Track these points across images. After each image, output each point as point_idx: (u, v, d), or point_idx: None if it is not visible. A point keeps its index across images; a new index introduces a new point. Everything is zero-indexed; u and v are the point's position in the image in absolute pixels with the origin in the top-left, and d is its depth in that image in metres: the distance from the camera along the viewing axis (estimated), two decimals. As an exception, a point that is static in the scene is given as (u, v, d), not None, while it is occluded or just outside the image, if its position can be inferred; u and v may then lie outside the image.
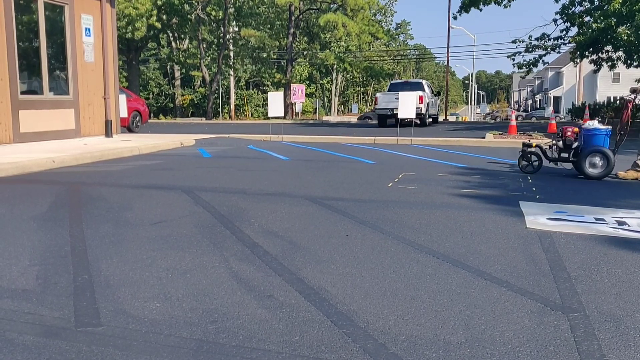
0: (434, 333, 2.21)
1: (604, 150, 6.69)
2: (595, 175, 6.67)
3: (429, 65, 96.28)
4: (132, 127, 15.84)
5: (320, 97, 58.75)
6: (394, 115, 17.40)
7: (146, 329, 2.25)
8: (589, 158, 6.72)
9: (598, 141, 6.84)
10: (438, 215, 4.45)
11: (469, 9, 21.24)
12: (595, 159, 6.71)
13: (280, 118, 21.68)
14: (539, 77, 73.61)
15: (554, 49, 22.92)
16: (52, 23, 10.53)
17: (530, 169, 7.20)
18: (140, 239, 3.65)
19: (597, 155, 6.70)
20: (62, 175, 6.78)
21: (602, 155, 6.68)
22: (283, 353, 2.03)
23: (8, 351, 2.04)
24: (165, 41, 46.70)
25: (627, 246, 3.50)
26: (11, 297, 2.60)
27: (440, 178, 6.59)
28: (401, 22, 78.24)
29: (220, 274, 2.93)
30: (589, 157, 6.72)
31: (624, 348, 2.08)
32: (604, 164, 6.66)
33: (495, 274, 2.95)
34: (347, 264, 3.12)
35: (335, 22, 33.28)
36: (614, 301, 2.56)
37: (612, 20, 18.04)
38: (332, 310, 2.44)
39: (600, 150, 6.70)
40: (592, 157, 6.72)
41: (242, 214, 4.42)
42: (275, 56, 46.55)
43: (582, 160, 6.75)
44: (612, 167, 6.66)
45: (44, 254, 3.31)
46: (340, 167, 7.74)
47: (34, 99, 10.15)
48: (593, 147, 6.76)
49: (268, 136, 13.58)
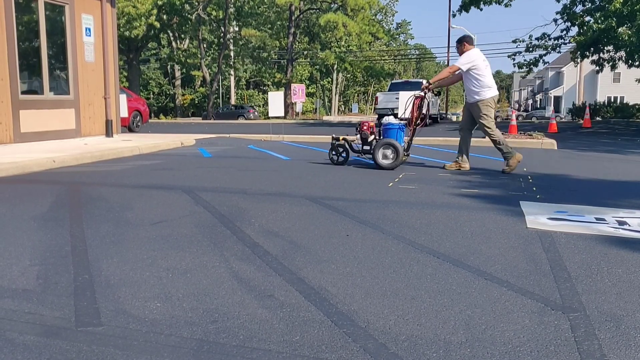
0: (434, 333, 2.21)
1: (394, 143, 7.27)
2: (386, 166, 7.28)
3: (429, 65, 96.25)
4: (133, 127, 15.85)
5: (320, 97, 58.77)
6: (395, 115, 17.41)
7: (147, 328, 2.25)
8: (381, 150, 7.32)
9: (391, 135, 7.49)
10: (438, 215, 4.45)
11: (469, 7, 21.26)
12: (387, 151, 7.32)
13: (281, 118, 21.69)
14: (539, 77, 73.58)
15: (554, 49, 22.94)
16: (52, 23, 10.54)
17: (340, 160, 7.88)
18: (141, 238, 3.65)
19: (388, 147, 7.30)
20: (63, 175, 6.78)
21: (393, 147, 7.27)
22: (283, 353, 2.04)
23: (8, 351, 2.04)
24: (166, 41, 46.70)
25: (628, 246, 3.50)
26: (12, 296, 2.60)
27: (440, 178, 6.59)
28: (402, 22, 78.28)
29: (220, 274, 2.93)
30: (382, 149, 7.32)
31: (624, 348, 2.08)
32: (394, 156, 7.27)
33: (495, 273, 2.95)
34: (347, 263, 3.12)
35: (335, 22, 33.30)
36: (614, 301, 2.55)
37: (613, 21, 18.04)
38: (332, 310, 2.44)
39: (391, 143, 7.28)
40: (384, 149, 7.32)
41: (243, 214, 4.42)
42: (275, 56, 46.58)
43: (376, 152, 7.34)
44: (401, 159, 7.29)
45: (45, 253, 3.31)
46: (341, 166, 7.74)
47: (35, 98, 10.16)
48: (385, 140, 7.36)
49: (268, 136, 13.59)
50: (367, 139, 7.71)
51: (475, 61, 7.15)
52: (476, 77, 7.14)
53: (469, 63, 7.15)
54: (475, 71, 7.14)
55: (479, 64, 7.14)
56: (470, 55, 7.19)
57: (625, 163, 7.17)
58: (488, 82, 7.18)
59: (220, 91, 42.40)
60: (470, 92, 7.29)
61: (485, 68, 7.21)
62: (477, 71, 7.14)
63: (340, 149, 7.88)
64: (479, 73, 7.13)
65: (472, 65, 7.14)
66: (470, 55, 7.19)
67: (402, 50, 73.61)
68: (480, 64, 7.16)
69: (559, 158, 9.12)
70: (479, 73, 7.13)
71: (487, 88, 7.15)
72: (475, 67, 7.14)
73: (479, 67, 7.13)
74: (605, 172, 7.25)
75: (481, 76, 7.13)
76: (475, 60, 7.15)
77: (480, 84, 7.15)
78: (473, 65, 7.14)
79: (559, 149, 10.64)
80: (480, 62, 7.17)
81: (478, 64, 7.14)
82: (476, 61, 7.15)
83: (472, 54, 7.21)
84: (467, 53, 7.24)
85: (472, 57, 7.17)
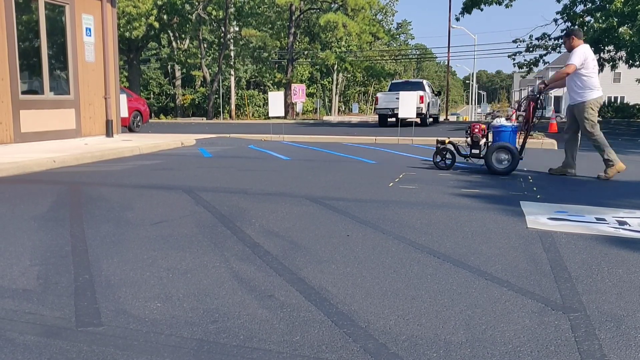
0: (434, 333, 2.21)
1: (509, 147, 6.86)
2: (501, 171, 6.88)
3: (429, 65, 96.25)
4: (133, 127, 15.85)
5: (320, 97, 58.78)
6: (395, 115, 17.41)
7: (147, 328, 2.25)
8: (495, 154, 6.91)
9: (504, 138, 7.03)
10: (439, 215, 4.45)
11: (471, 9, 21.27)
12: (501, 155, 6.90)
13: (281, 118, 21.69)
14: (539, 77, 73.54)
15: (554, 49, 22.95)
16: (52, 23, 10.54)
17: (443, 165, 7.46)
18: (141, 238, 3.65)
19: (503, 151, 6.88)
20: (63, 175, 6.78)
21: (508, 151, 6.85)
22: (284, 353, 2.03)
23: (9, 351, 2.04)
24: (166, 41, 46.70)
25: (628, 246, 3.49)
26: (12, 296, 2.60)
27: (441, 178, 6.59)
28: (402, 22, 78.28)
29: (221, 274, 2.93)
30: (495, 152, 6.92)
31: (624, 348, 2.08)
32: (509, 160, 6.84)
33: (496, 273, 2.95)
34: (347, 263, 3.12)
35: (335, 22, 33.27)
36: (614, 301, 2.55)
37: (613, 20, 18.04)
38: (332, 310, 2.44)
39: (506, 146, 6.87)
40: (498, 153, 6.90)
41: (243, 214, 4.42)
42: (276, 56, 46.57)
43: (489, 156, 6.94)
44: (517, 163, 6.84)
45: (45, 253, 3.31)
46: (341, 166, 7.74)
47: (35, 98, 10.16)
48: (499, 144, 6.93)
49: (269, 136, 13.59)
50: (478, 142, 7.30)
51: (587, 59, 6.62)
52: (583, 76, 6.65)
53: (583, 61, 6.60)
54: (583, 70, 6.63)
55: (589, 62, 6.62)
56: (585, 52, 6.63)
57: (625, 163, 7.16)
58: (594, 83, 6.69)
59: (221, 91, 42.39)
60: (573, 92, 6.79)
61: (594, 67, 6.71)
62: (585, 70, 6.63)
63: (445, 153, 7.47)
64: (587, 72, 6.63)
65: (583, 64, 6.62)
66: (584, 52, 6.62)
67: (403, 50, 73.62)
68: (590, 62, 6.64)
69: (559, 158, 9.09)
70: (587, 72, 6.63)
71: (590, 89, 6.67)
72: (585, 65, 6.62)
73: (588, 66, 6.61)
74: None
75: (588, 76, 6.63)
76: (588, 58, 6.62)
77: (584, 84, 6.66)
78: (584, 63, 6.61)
79: (559, 149, 10.64)
80: (590, 61, 6.66)
81: (588, 62, 6.62)
82: (588, 59, 6.63)
83: (585, 50, 6.66)
84: (578, 49, 6.65)
85: (586, 54, 6.63)
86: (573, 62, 6.57)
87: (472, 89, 60.61)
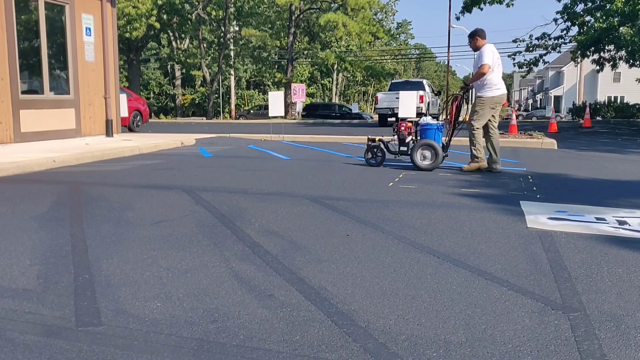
0: (434, 332, 2.21)
1: (433, 144, 7.12)
2: (425, 167, 7.15)
3: (429, 64, 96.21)
4: (133, 127, 15.85)
5: (321, 97, 58.74)
6: (395, 115, 17.41)
7: (147, 328, 2.25)
8: (420, 151, 7.19)
9: (429, 135, 7.31)
10: (438, 214, 4.45)
11: (472, 8, 21.24)
12: (425, 152, 7.17)
13: (281, 117, 21.69)
14: (539, 77, 73.54)
15: (554, 49, 22.93)
16: (52, 23, 10.54)
17: (373, 162, 7.69)
18: (141, 238, 3.66)
19: (427, 148, 7.15)
20: (63, 175, 6.78)
21: (431, 148, 7.11)
22: (284, 352, 2.04)
23: (9, 350, 2.05)
24: (166, 41, 46.70)
25: (628, 246, 3.50)
26: (12, 296, 2.60)
27: (440, 178, 6.59)
28: (402, 22, 78.19)
29: (220, 274, 2.93)
30: (420, 150, 7.19)
31: (624, 347, 2.08)
32: (432, 157, 7.11)
33: (495, 273, 2.95)
34: (347, 263, 3.12)
35: (335, 22, 33.27)
36: (614, 301, 2.55)
37: (614, 20, 18.03)
38: (332, 309, 2.44)
39: (430, 144, 7.14)
40: (423, 150, 7.18)
41: (243, 214, 4.42)
42: (275, 56, 46.55)
43: (414, 153, 7.21)
44: (440, 160, 7.12)
45: (45, 253, 3.32)
46: (341, 166, 7.74)
47: (35, 98, 10.16)
48: (423, 141, 7.21)
49: (269, 136, 13.58)
50: (404, 139, 7.53)
51: (493, 58, 6.94)
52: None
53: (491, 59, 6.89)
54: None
55: (494, 61, 6.94)
56: (492, 51, 6.96)
57: (625, 163, 7.17)
58: (495, 81, 6.97)
59: (221, 91, 42.39)
60: (477, 89, 7.15)
61: (497, 67, 6.99)
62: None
63: (376, 150, 7.68)
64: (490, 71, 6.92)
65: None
66: (492, 51, 6.95)
67: (403, 50, 73.59)
68: (495, 61, 6.96)
69: (559, 158, 9.11)
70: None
71: (490, 87, 6.97)
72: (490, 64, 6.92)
73: (493, 65, 6.92)
74: (606, 171, 7.25)
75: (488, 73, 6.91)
76: (493, 57, 6.94)
77: (486, 82, 6.96)
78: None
79: (559, 149, 10.64)
80: (495, 60, 6.97)
81: (494, 61, 6.93)
82: (494, 58, 6.94)
83: (492, 49, 6.99)
84: (485, 48, 6.98)
85: (493, 53, 6.96)
86: (485, 62, 6.90)
87: (472, 89, 60.56)
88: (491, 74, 6.93)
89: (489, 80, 6.95)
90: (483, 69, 6.88)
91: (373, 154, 7.70)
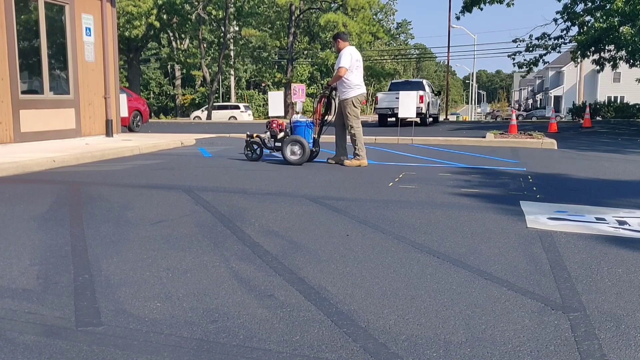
0: (434, 332, 2.21)
1: (301, 140, 7.57)
2: (294, 161, 7.61)
3: (429, 64, 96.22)
4: (133, 127, 15.85)
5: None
6: (395, 115, 17.41)
7: (147, 328, 2.25)
8: (289, 146, 7.65)
9: (299, 132, 7.79)
10: (438, 214, 4.45)
11: (472, 8, 21.24)
12: (294, 147, 7.63)
13: (281, 118, 21.69)
14: (539, 77, 73.56)
15: (554, 49, 22.93)
16: (52, 22, 10.54)
17: (254, 157, 8.27)
18: (141, 238, 3.65)
19: (296, 144, 7.60)
20: (63, 175, 6.78)
21: (300, 144, 7.57)
22: (283, 352, 2.04)
23: (9, 350, 2.05)
24: (166, 41, 46.71)
25: (628, 246, 3.50)
26: (12, 296, 2.60)
27: (440, 177, 6.59)
28: (402, 22, 78.20)
29: (220, 274, 2.93)
30: (290, 145, 7.65)
31: (624, 347, 2.08)
32: (300, 152, 7.58)
33: (495, 273, 2.95)
34: (347, 263, 3.12)
35: (335, 22, 33.24)
36: (614, 301, 2.55)
37: (614, 20, 18.02)
38: (332, 309, 2.44)
39: (298, 139, 7.58)
40: (292, 145, 7.64)
41: (243, 214, 4.42)
42: (275, 56, 46.55)
43: (284, 148, 7.67)
44: (307, 155, 7.59)
45: (45, 253, 3.32)
46: (341, 166, 7.74)
47: (35, 98, 10.16)
48: (292, 137, 7.68)
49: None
50: (276, 136, 8.05)
51: (352, 59, 7.44)
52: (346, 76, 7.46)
53: (349, 61, 7.41)
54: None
55: (352, 63, 7.45)
56: (351, 53, 7.48)
57: (625, 163, 7.16)
58: (355, 81, 7.50)
59: (221, 91, 42.39)
60: (340, 90, 7.64)
61: (357, 69, 7.52)
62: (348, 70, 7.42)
63: (254, 146, 8.26)
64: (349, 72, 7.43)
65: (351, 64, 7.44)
66: (350, 54, 7.47)
67: (402, 50, 73.60)
68: (354, 63, 7.47)
69: (559, 158, 9.11)
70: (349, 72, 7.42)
71: (351, 88, 7.50)
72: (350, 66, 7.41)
73: (352, 67, 7.44)
74: (606, 171, 7.25)
75: (348, 75, 7.43)
76: (352, 59, 7.45)
77: (347, 83, 7.49)
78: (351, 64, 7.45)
79: (559, 149, 10.64)
80: (354, 62, 7.48)
81: (352, 62, 7.45)
82: (352, 59, 7.45)
83: (350, 52, 7.52)
84: (345, 51, 7.50)
85: (352, 55, 7.47)
86: (343, 65, 7.43)
87: (472, 89, 60.60)
88: (350, 75, 7.46)
89: (350, 81, 7.47)
90: (340, 71, 7.47)
91: (251, 149, 8.26)
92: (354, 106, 7.55)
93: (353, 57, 7.47)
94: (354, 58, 7.48)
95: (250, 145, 8.28)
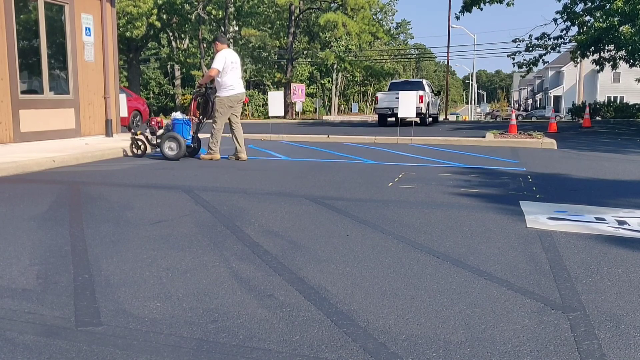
0: (434, 332, 2.21)
1: (177, 137, 8.17)
2: (171, 157, 8.17)
3: (429, 64, 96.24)
4: (133, 127, 15.83)
5: (320, 97, 58.73)
6: (395, 115, 17.40)
7: (146, 328, 2.25)
8: (167, 142, 8.23)
9: (177, 129, 8.34)
10: (438, 214, 4.45)
11: (472, 8, 21.24)
12: (171, 144, 8.21)
13: (281, 117, 21.68)
14: (539, 77, 73.56)
15: (554, 49, 22.93)
16: (52, 22, 10.54)
17: (139, 153, 8.78)
18: (141, 238, 3.65)
19: (173, 140, 8.20)
20: (63, 175, 6.78)
21: (176, 140, 8.16)
22: (283, 352, 2.04)
23: (8, 350, 2.05)
24: (166, 40, 46.70)
25: (628, 245, 3.50)
26: (11, 296, 2.60)
27: (440, 177, 6.59)
28: (401, 22, 78.21)
29: (220, 274, 2.93)
30: (167, 141, 8.23)
31: (624, 347, 2.08)
32: (177, 148, 8.16)
33: (495, 273, 2.95)
34: (347, 263, 3.12)
35: (335, 22, 33.23)
36: (614, 300, 2.56)
37: (614, 20, 18.01)
38: (332, 309, 2.44)
39: (175, 136, 8.19)
40: (169, 142, 8.22)
41: (243, 214, 4.42)
42: (275, 56, 46.53)
43: (162, 144, 8.26)
44: (184, 151, 8.19)
45: (45, 253, 3.31)
46: (341, 166, 7.74)
47: (35, 98, 10.15)
48: (169, 134, 8.27)
49: (268, 135, 13.58)
50: (155, 133, 8.59)
51: (226, 62, 7.87)
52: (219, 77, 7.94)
53: (223, 64, 7.87)
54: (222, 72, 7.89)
55: (227, 65, 7.88)
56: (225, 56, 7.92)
57: (625, 162, 7.16)
58: (228, 83, 7.95)
59: (220, 91, 42.35)
60: (217, 90, 8.10)
61: (232, 70, 7.94)
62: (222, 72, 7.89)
63: (139, 143, 8.79)
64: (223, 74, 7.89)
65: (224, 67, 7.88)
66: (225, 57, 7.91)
67: (402, 49, 73.61)
68: (228, 65, 7.90)
69: (558, 158, 9.11)
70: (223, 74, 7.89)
71: (224, 88, 7.96)
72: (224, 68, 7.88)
73: (226, 69, 7.89)
74: (605, 171, 7.25)
75: (221, 76, 7.90)
76: (226, 61, 7.88)
77: (221, 84, 7.95)
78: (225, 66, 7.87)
79: (558, 149, 10.64)
80: (229, 63, 7.91)
81: (227, 64, 7.88)
82: (226, 62, 7.88)
83: (225, 54, 7.95)
84: (220, 53, 7.94)
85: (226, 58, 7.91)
86: (215, 67, 7.93)
87: (472, 89, 60.60)
88: (224, 76, 7.92)
89: (224, 82, 7.94)
90: (211, 72, 8.01)
91: (137, 146, 8.78)
92: (224, 105, 8.04)
93: (228, 60, 7.89)
94: (228, 60, 7.90)
95: (136, 143, 8.79)
